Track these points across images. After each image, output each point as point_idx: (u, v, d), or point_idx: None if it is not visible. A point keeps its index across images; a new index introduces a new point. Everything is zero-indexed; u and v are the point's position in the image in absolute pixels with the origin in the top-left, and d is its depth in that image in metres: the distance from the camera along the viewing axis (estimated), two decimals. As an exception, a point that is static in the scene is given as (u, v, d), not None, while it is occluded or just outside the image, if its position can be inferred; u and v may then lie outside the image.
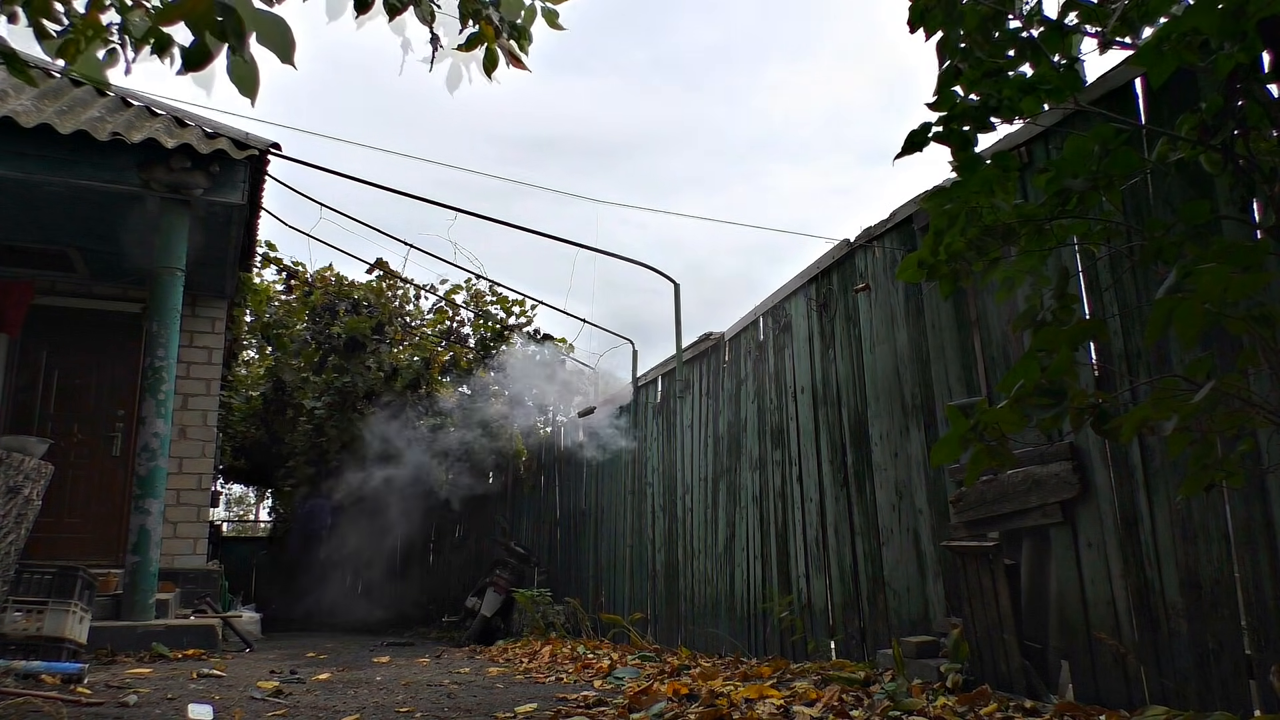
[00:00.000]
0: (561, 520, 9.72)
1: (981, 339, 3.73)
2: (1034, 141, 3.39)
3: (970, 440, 1.69)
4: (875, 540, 4.41)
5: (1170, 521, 2.82)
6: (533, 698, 3.90)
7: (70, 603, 5.05)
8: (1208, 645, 2.68)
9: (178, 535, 8.07)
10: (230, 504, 23.33)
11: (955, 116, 1.76)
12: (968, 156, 1.79)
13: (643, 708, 3.37)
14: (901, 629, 4.10)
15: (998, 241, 1.84)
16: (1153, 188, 2.87)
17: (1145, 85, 2.93)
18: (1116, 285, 3.02)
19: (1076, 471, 3.18)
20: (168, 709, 3.56)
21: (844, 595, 4.65)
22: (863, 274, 4.63)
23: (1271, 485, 2.50)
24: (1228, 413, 1.65)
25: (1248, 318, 1.52)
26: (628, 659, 5.35)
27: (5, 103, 6.24)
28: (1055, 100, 1.77)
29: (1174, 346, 2.79)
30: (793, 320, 5.40)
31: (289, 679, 4.56)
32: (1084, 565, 3.15)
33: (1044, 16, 1.89)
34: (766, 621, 5.41)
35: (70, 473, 7.81)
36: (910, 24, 2.08)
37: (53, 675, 4.16)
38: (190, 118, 6.99)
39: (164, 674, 4.67)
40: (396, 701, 3.85)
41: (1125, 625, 2.96)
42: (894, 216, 4.33)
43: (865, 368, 4.57)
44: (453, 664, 5.57)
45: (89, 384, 8.24)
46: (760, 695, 3.36)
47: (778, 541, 5.38)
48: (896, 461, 4.27)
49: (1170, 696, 2.78)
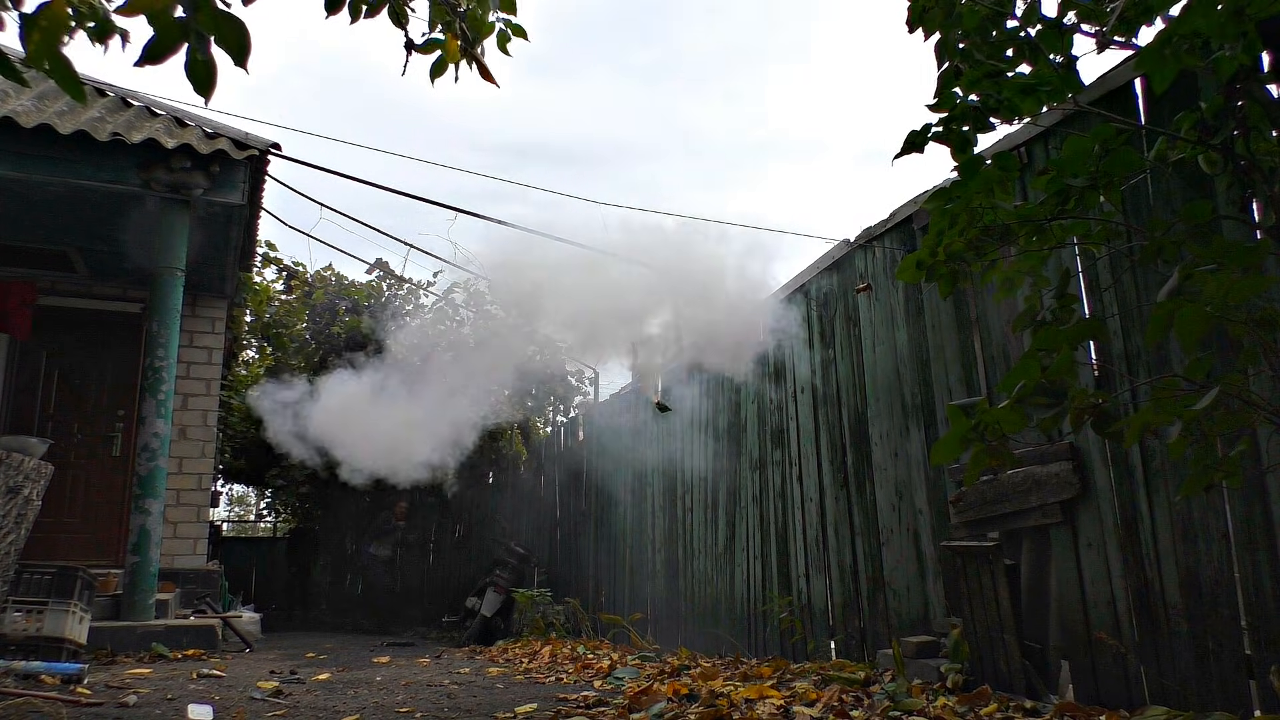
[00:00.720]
0: (561, 520, 9.72)
1: (981, 339, 3.73)
2: (1033, 142, 3.39)
3: (971, 440, 1.69)
4: (875, 540, 4.41)
5: (1170, 521, 2.82)
6: (533, 698, 3.90)
7: (70, 603, 5.05)
8: (1208, 645, 2.68)
9: (178, 535, 8.07)
10: (231, 504, 23.29)
11: (955, 117, 1.76)
12: (968, 157, 1.79)
13: (643, 708, 3.37)
14: (901, 629, 4.10)
15: (996, 242, 1.84)
16: (1152, 188, 2.87)
17: (1145, 85, 2.93)
18: (1116, 285, 3.02)
19: (1076, 471, 3.18)
20: (168, 709, 3.56)
21: (844, 595, 4.65)
22: (863, 274, 4.63)
23: (1271, 485, 2.50)
24: (1228, 413, 1.65)
25: (1249, 320, 1.52)
26: (628, 659, 5.36)
27: (5, 103, 6.24)
28: (1055, 101, 1.77)
29: (1174, 346, 2.79)
30: (792, 320, 5.40)
31: (289, 679, 4.55)
32: (1084, 565, 3.15)
33: (1042, 16, 1.89)
34: (766, 621, 5.41)
35: (70, 473, 7.81)
36: (909, 24, 2.08)
37: (52, 675, 4.16)
38: (190, 118, 6.99)
39: (164, 674, 4.67)
40: (396, 702, 3.85)
41: (1125, 625, 2.96)
42: (894, 216, 4.33)
43: (865, 368, 4.57)
44: (453, 664, 5.56)
45: (89, 384, 8.24)
46: (760, 695, 3.36)
47: (778, 541, 5.38)
48: (896, 461, 4.27)
49: (1170, 696, 2.78)
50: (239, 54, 1.39)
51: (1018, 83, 1.72)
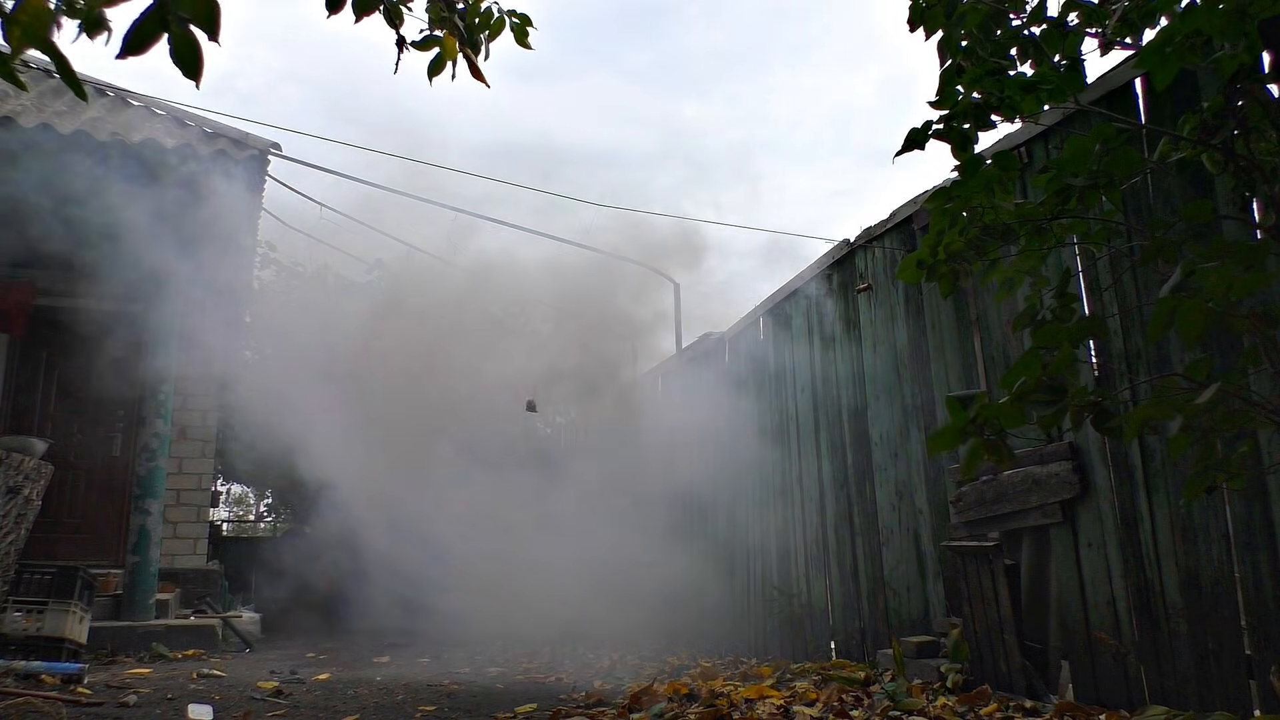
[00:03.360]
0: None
1: (981, 339, 3.73)
2: (1033, 141, 3.39)
3: (969, 433, 1.69)
4: (875, 540, 4.41)
5: (1170, 521, 2.82)
6: (533, 697, 3.90)
7: (70, 603, 5.05)
8: (1208, 645, 2.68)
9: (178, 535, 8.05)
10: (231, 504, 23.27)
11: (956, 115, 1.77)
12: (969, 156, 1.80)
13: (643, 708, 3.37)
14: (901, 629, 4.10)
15: (997, 241, 1.84)
16: (1152, 188, 2.88)
17: (1145, 85, 2.93)
18: (1116, 285, 3.03)
19: (1076, 471, 3.18)
20: (168, 709, 3.56)
21: (844, 595, 4.65)
22: (863, 274, 4.64)
23: (1271, 485, 2.51)
24: (1228, 412, 1.65)
25: (1252, 316, 1.52)
26: (628, 659, 5.36)
27: (5, 103, 6.24)
28: (1056, 100, 1.77)
29: (1174, 346, 2.79)
30: (793, 320, 5.40)
31: (289, 679, 4.55)
32: (1084, 565, 3.15)
33: (1046, 15, 1.90)
34: (766, 621, 5.41)
35: (70, 473, 7.81)
36: (910, 23, 2.08)
37: (53, 675, 4.16)
38: (190, 118, 7.00)
39: (164, 674, 4.67)
40: (397, 702, 3.85)
41: (1125, 625, 2.96)
42: (894, 216, 4.34)
43: (865, 367, 4.57)
44: (453, 663, 5.56)
45: (89, 384, 8.23)
46: (760, 695, 3.36)
47: (778, 541, 5.38)
48: (896, 461, 4.27)
49: (1170, 696, 2.78)
50: (209, 26, 1.39)
51: (1019, 81, 1.72)
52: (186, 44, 1.39)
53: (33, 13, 1.42)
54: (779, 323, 5.59)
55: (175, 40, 1.38)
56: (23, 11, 1.42)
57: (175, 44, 1.38)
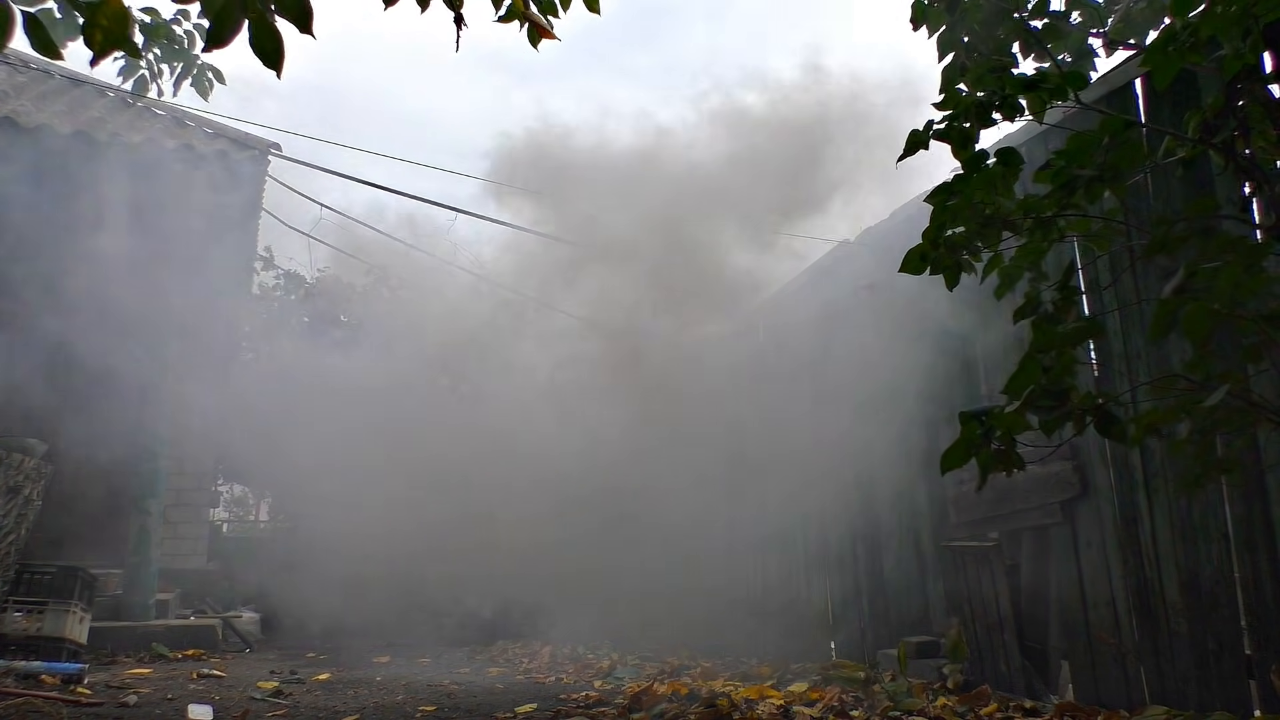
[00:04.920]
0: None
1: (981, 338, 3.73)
2: (1032, 141, 3.39)
3: (978, 445, 1.69)
4: (875, 540, 4.41)
5: (1170, 521, 2.82)
6: (533, 698, 3.89)
7: (70, 603, 5.04)
8: (1208, 645, 2.68)
9: (178, 535, 8.05)
10: (231, 504, 23.28)
11: (958, 113, 1.77)
12: (971, 153, 1.80)
13: (643, 708, 3.36)
14: (901, 629, 4.10)
15: (998, 233, 1.84)
16: (1153, 187, 2.88)
17: (1145, 85, 2.93)
18: (1116, 284, 3.02)
19: (1076, 471, 3.18)
20: (168, 709, 3.56)
21: (844, 595, 4.65)
22: (863, 274, 4.63)
23: (1271, 485, 2.51)
24: (1229, 412, 1.65)
25: (1256, 316, 1.52)
26: (628, 659, 5.35)
27: (6, 103, 6.24)
28: (1058, 98, 1.77)
29: (1174, 345, 2.79)
30: (793, 320, 5.39)
31: (289, 679, 4.55)
32: (1084, 565, 3.15)
33: (1049, 10, 1.90)
34: (767, 621, 5.40)
35: (70, 473, 7.79)
36: (913, 22, 2.09)
37: (53, 675, 4.15)
38: (191, 118, 6.99)
39: (164, 674, 4.67)
40: (397, 702, 3.85)
41: (1125, 625, 2.96)
42: (894, 216, 4.34)
43: (865, 367, 4.56)
44: (453, 664, 5.56)
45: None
46: (760, 695, 3.36)
47: (778, 541, 5.37)
48: (896, 462, 4.26)
49: (1170, 696, 2.78)
50: (302, 20, 1.38)
51: (1021, 79, 1.72)
52: (268, 33, 1.39)
53: (113, 15, 1.41)
54: (779, 322, 5.58)
55: (255, 29, 1.38)
56: (103, 14, 1.41)
57: (255, 32, 1.38)
